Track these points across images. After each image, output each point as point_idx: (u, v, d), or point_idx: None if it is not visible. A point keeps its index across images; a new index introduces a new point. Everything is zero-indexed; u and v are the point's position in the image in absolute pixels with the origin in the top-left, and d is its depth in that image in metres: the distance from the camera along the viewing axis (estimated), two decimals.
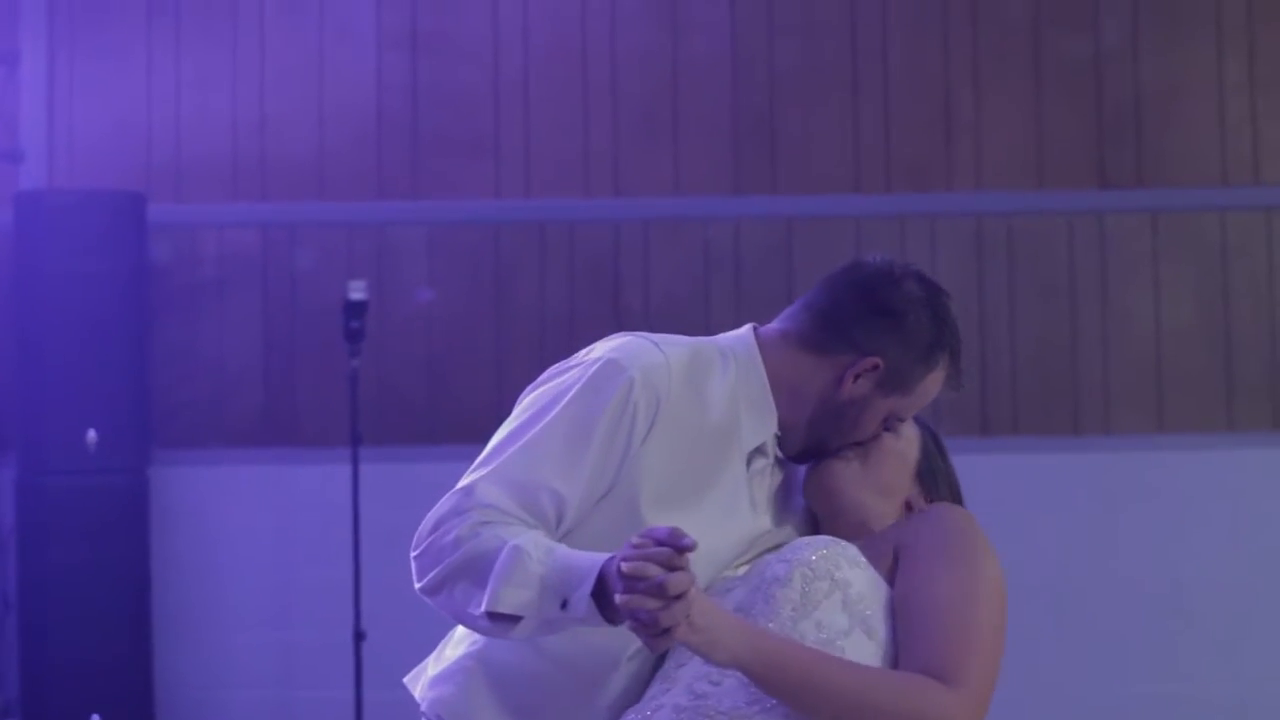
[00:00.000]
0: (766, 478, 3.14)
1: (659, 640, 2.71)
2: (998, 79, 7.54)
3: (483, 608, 2.86)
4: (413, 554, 2.98)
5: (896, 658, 2.98)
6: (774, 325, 3.17)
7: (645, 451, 3.00)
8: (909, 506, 3.23)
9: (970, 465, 7.46)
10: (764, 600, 2.97)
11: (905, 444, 3.26)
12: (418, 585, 2.96)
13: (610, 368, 3.02)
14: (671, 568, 2.66)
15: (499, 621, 2.87)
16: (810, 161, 7.54)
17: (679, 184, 7.49)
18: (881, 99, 7.54)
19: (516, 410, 3.07)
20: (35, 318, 7.00)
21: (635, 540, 2.70)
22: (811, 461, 3.18)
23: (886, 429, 3.19)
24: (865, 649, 2.96)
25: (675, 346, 3.09)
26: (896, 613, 3.00)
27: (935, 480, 3.30)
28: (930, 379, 3.18)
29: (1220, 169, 7.52)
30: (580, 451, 2.98)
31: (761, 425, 3.09)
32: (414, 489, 3.01)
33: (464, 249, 7.40)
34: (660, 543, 2.68)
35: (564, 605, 2.81)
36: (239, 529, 7.35)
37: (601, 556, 2.78)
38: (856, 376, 3.08)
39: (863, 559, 3.02)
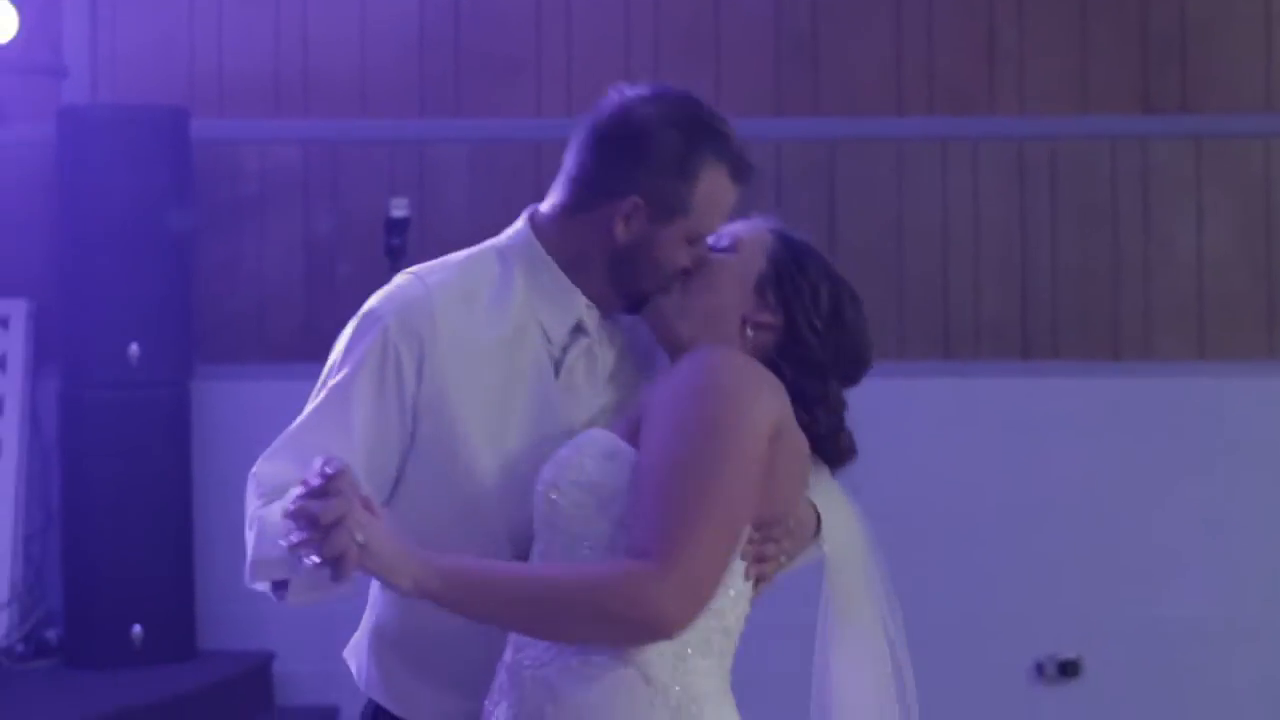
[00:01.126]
0: (598, 354, 3.07)
1: (337, 571, 2.64)
2: (1042, 2, 7.50)
3: (247, 580, 2.92)
4: None
5: None
6: (546, 203, 3.11)
7: (434, 391, 2.95)
8: (746, 324, 2.98)
9: (1010, 389, 7.57)
10: (539, 539, 2.88)
11: (738, 259, 3.04)
12: None
13: (365, 320, 3.03)
14: (323, 496, 2.62)
15: (276, 590, 2.89)
16: (853, 83, 7.51)
17: (720, 104, 7.44)
18: (925, 21, 7.51)
19: None
20: (78, 232, 7.02)
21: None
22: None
23: (724, 249, 3.04)
24: None
25: (440, 272, 3.06)
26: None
27: (790, 291, 3.00)
28: (704, 187, 3.01)
29: (1265, 95, 7.48)
30: (347, 411, 2.97)
31: (564, 309, 3.03)
32: None
33: (505, 167, 7.40)
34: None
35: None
36: None
37: None
38: (626, 220, 2.98)
39: (616, 445, 2.83)
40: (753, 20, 7.52)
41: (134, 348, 6.97)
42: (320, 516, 2.61)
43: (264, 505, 2.93)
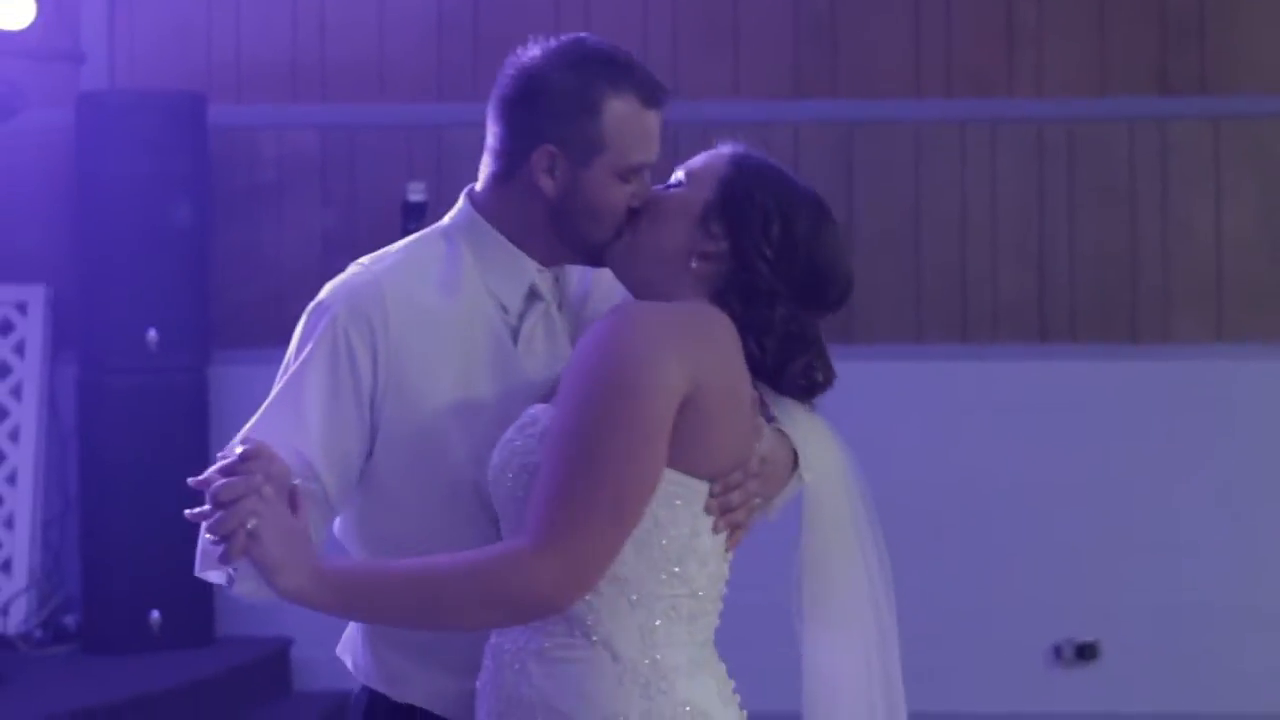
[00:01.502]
0: (556, 318, 3.05)
1: (224, 552, 2.64)
2: None
3: (196, 570, 2.90)
4: None
5: None
6: (479, 181, 3.10)
7: (392, 375, 2.94)
8: (694, 256, 2.86)
9: (1028, 372, 7.54)
10: (501, 521, 2.82)
11: (685, 191, 2.92)
12: None
13: (315, 312, 3.04)
14: (227, 474, 2.63)
15: (230, 583, 2.86)
16: (871, 66, 7.50)
17: (739, 87, 7.46)
18: (944, 3, 7.49)
19: None
20: (96, 218, 7.03)
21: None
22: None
23: (672, 187, 2.95)
24: None
25: (387, 258, 3.07)
26: None
27: (735, 216, 2.85)
28: (611, 118, 2.95)
29: None
30: (301, 403, 2.96)
31: (515, 277, 3.01)
32: None
33: None
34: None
35: None
36: None
37: None
38: (548, 172, 2.95)
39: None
40: (771, 3, 7.50)
41: (152, 333, 6.98)
42: (217, 492, 2.62)
43: None
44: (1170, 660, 7.23)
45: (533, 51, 3.01)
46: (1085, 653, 7.28)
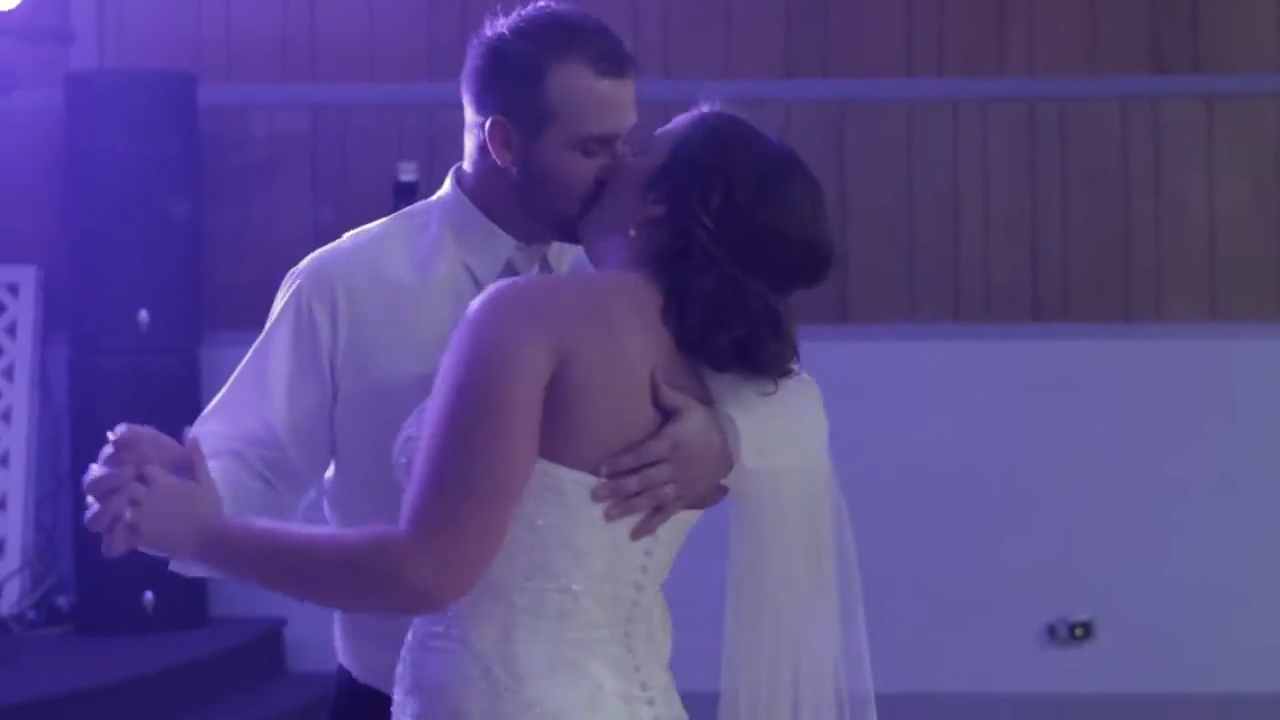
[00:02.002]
0: None
1: (110, 546, 2.65)
2: None
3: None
4: None
5: None
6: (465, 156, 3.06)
7: (353, 345, 2.94)
8: (631, 224, 2.70)
9: (1020, 351, 7.52)
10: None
11: (644, 157, 2.77)
12: None
13: (287, 281, 3.04)
14: (109, 463, 2.62)
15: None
16: (863, 45, 7.49)
17: (730, 67, 7.45)
18: None
19: None
20: (87, 198, 7.02)
21: None
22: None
23: (642, 152, 2.82)
24: None
25: (366, 231, 3.06)
26: None
27: (675, 180, 2.67)
28: (558, 88, 2.85)
29: (1277, 55, 7.45)
30: (265, 371, 2.97)
31: (491, 253, 2.98)
32: None
33: None
34: None
35: None
36: None
37: None
38: (502, 144, 2.89)
39: None
40: None
41: (143, 314, 6.97)
42: (90, 487, 2.61)
43: None
44: (1164, 639, 7.24)
45: (500, 22, 2.98)
46: (1079, 632, 7.28)
